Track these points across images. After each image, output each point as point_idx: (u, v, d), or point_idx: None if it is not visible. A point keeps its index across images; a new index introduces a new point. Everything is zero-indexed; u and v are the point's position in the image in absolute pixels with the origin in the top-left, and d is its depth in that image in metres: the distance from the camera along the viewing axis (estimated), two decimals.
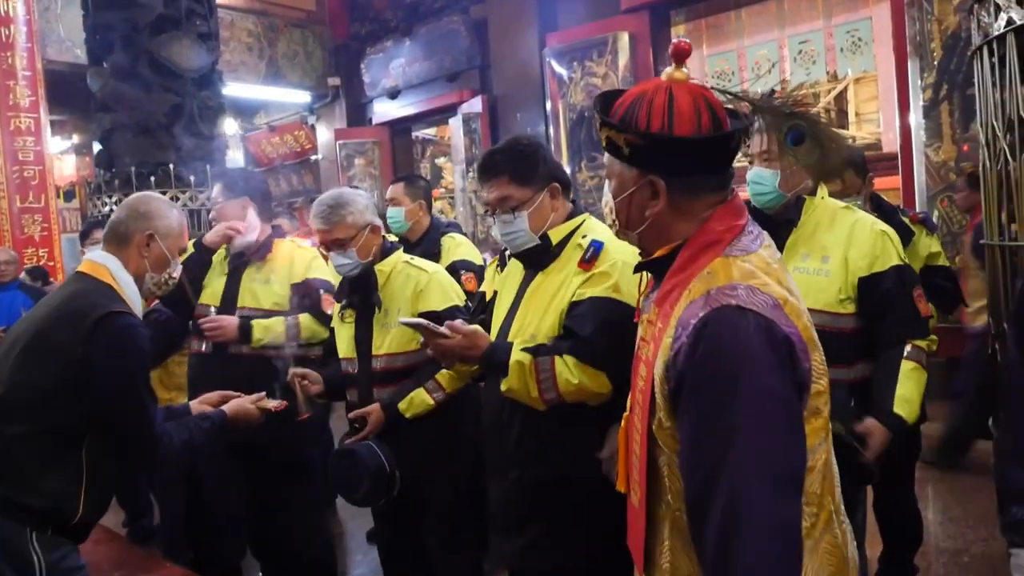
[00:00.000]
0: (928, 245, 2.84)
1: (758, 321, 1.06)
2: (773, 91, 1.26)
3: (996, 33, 1.90)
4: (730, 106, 1.22)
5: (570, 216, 1.97)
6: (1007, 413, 1.68)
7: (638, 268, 1.33)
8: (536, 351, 1.81)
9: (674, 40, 1.21)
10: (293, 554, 2.95)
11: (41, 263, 6.75)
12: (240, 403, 2.17)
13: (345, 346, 2.51)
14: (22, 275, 5.42)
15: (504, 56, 8.48)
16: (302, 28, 10.05)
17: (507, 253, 2.08)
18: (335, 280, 3.00)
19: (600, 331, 1.76)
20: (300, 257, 3.03)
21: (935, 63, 5.64)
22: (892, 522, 2.86)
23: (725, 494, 1.02)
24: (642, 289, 1.39)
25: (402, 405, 2.35)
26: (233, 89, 8.83)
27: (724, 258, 1.15)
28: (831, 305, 2.01)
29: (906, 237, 2.71)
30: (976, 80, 2.08)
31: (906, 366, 2.01)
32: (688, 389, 1.08)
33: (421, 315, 2.27)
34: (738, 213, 1.21)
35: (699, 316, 1.08)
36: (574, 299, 1.84)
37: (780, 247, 2.01)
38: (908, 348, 2.03)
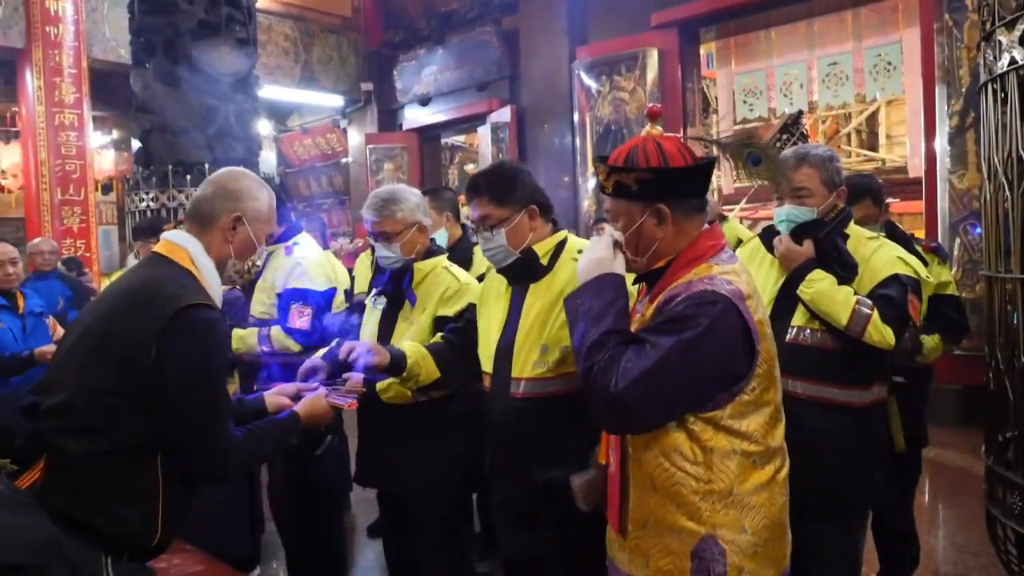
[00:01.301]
0: (939, 274, 2.86)
1: (725, 302, 1.37)
2: (801, 112, 1.63)
3: (999, 72, 1.96)
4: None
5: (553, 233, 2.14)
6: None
7: (637, 280, 1.60)
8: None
9: (648, 105, 1.56)
10: (306, 543, 3.05)
11: (78, 254, 6.97)
12: (314, 401, 1.94)
13: (369, 332, 2.61)
14: (59, 265, 5.61)
15: (534, 67, 8.59)
16: (337, 34, 10.27)
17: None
18: (322, 286, 3.10)
19: None
20: (283, 266, 3.11)
21: (962, 90, 5.64)
22: (890, 542, 2.90)
23: (617, 371, 1.34)
24: (639, 297, 1.65)
25: (380, 385, 2.41)
26: (268, 91, 9.06)
27: (708, 264, 1.46)
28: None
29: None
30: (981, 115, 2.14)
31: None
32: (656, 319, 1.40)
33: (438, 319, 2.41)
34: (719, 236, 1.54)
35: (682, 293, 1.39)
36: None
37: None
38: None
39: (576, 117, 8.16)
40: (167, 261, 1.69)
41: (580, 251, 2.00)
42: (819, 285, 2.04)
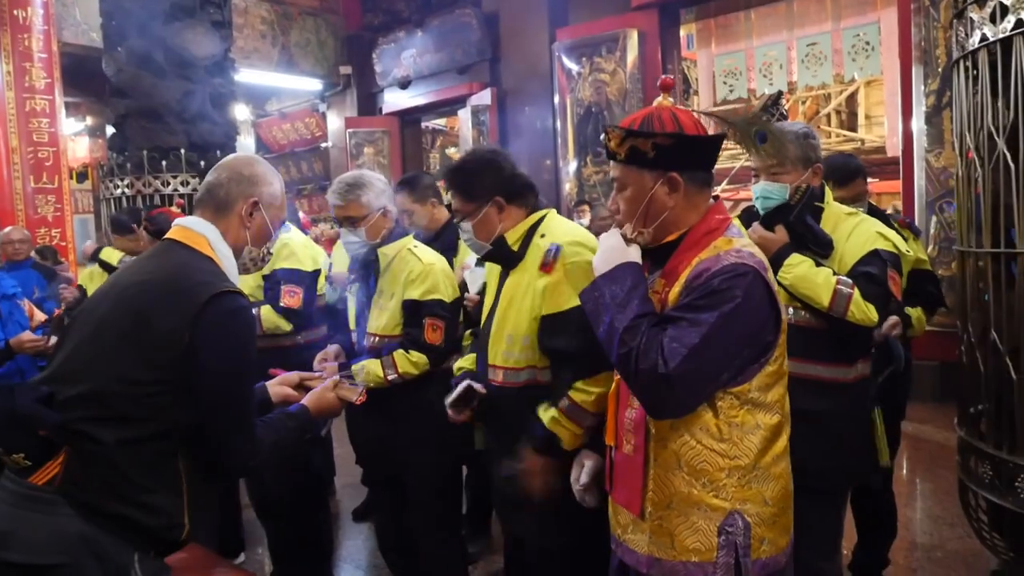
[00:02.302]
0: (915, 250, 2.90)
1: (757, 277, 1.38)
2: (780, 92, 1.73)
3: (971, 49, 1.98)
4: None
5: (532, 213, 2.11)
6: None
7: (648, 253, 1.55)
8: (555, 404, 1.91)
9: (661, 77, 1.55)
10: (290, 531, 3.05)
11: (53, 243, 6.88)
12: (322, 394, 1.88)
13: (352, 320, 2.66)
14: (32, 254, 5.53)
15: (514, 50, 8.55)
16: (315, 16, 10.15)
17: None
18: (309, 267, 3.11)
19: (583, 340, 1.81)
20: None
21: (939, 70, 5.69)
22: (869, 515, 2.95)
23: (667, 347, 1.33)
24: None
25: (355, 368, 2.44)
26: (246, 75, 8.95)
27: (724, 237, 1.46)
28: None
29: None
30: (953, 92, 2.16)
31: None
32: (690, 296, 1.38)
33: (405, 303, 2.43)
34: (724, 211, 1.54)
35: (714, 268, 1.38)
36: (545, 313, 1.94)
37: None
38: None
39: (557, 99, 8.14)
40: (186, 248, 1.64)
41: (543, 236, 2.03)
42: (797, 270, 2.05)
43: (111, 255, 4.15)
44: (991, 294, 2.00)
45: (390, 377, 2.42)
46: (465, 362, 2.27)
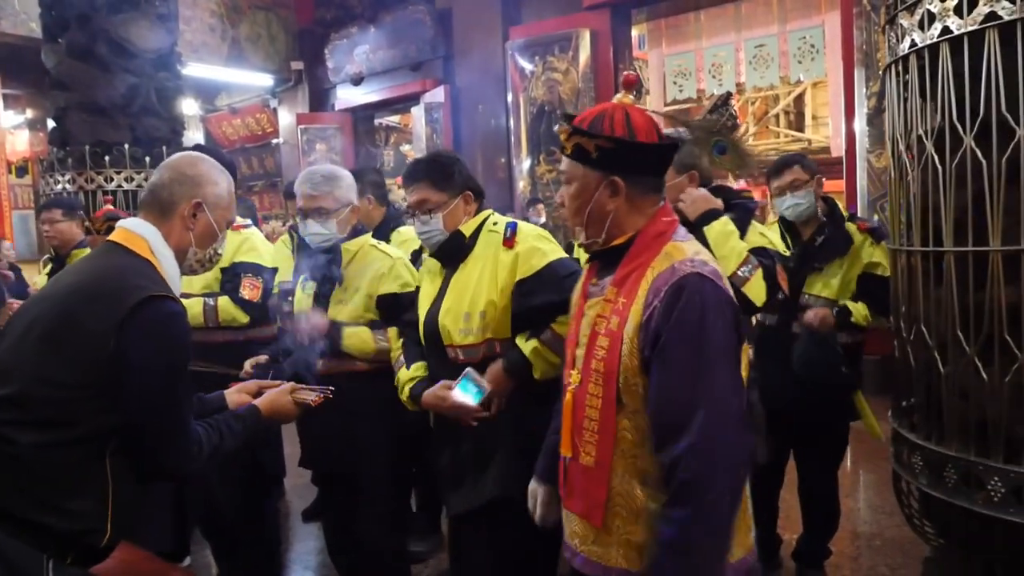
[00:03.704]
0: (871, 254, 2.96)
1: (715, 287, 1.36)
2: (730, 93, 1.77)
3: (902, 54, 2.05)
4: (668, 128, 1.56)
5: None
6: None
7: (594, 256, 1.55)
8: (536, 336, 2.08)
9: (624, 73, 1.53)
10: (237, 532, 3.01)
11: None
12: (276, 397, 1.87)
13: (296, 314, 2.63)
14: None
15: (467, 48, 8.55)
16: (266, 11, 9.99)
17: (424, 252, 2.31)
18: (269, 263, 3.10)
19: (559, 291, 1.99)
20: (230, 242, 3.06)
21: (880, 72, 5.87)
22: (816, 508, 3.04)
23: (700, 420, 1.29)
24: (590, 276, 1.58)
25: (347, 331, 2.47)
26: (194, 69, 8.76)
27: (672, 243, 1.43)
28: None
29: (845, 246, 2.89)
30: (886, 96, 2.24)
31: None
32: (666, 339, 1.33)
33: (380, 297, 2.49)
34: (672, 213, 1.52)
35: (671, 282, 1.35)
36: (521, 278, 2.09)
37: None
38: None
39: (510, 98, 8.16)
40: (125, 251, 1.61)
41: (495, 223, 2.21)
42: (724, 227, 2.13)
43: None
44: (921, 290, 2.08)
45: (378, 346, 2.46)
46: (417, 371, 2.29)
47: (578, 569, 1.51)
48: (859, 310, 2.82)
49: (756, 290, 2.07)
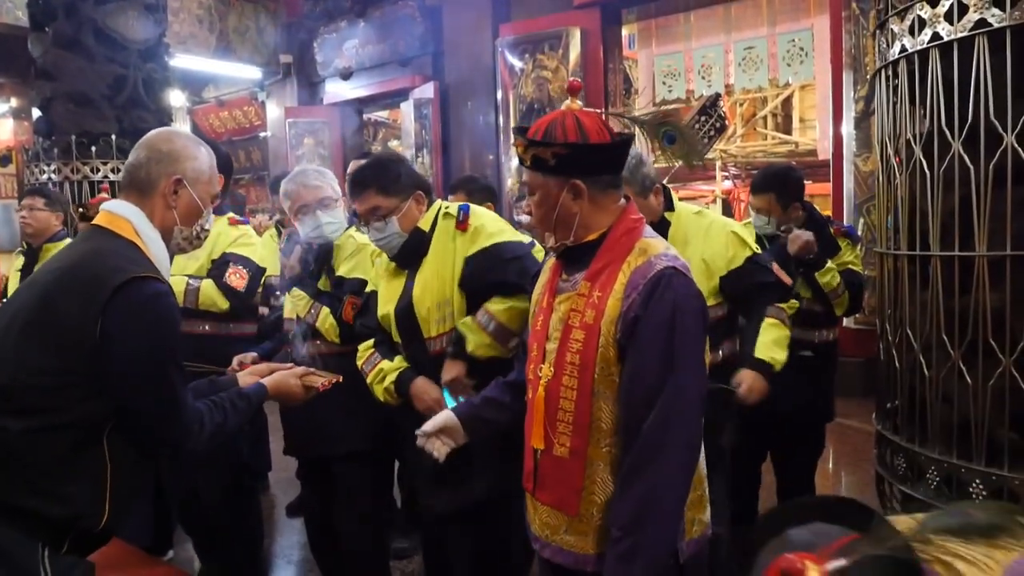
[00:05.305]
0: (844, 254, 2.99)
1: (687, 281, 1.45)
2: (718, 95, 2.20)
3: (891, 59, 2.07)
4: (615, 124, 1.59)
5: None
6: None
7: (564, 254, 1.59)
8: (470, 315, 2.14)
9: (569, 79, 1.60)
10: (220, 527, 2.99)
11: None
12: (285, 377, 1.87)
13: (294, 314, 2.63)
14: None
15: (457, 44, 8.52)
16: (254, 3, 9.90)
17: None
18: (259, 261, 3.09)
19: (506, 272, 2.09)
20: (227, 235, 3.07)
21: (867, 76, 5.90)
22: None
23: (664, 400, 1.38)
24: (556, 272, 1.62)
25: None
26: (182, 61, 8.68)
27: (643, 239, 1.50)
28: None
29: (832, 251, 2.91)
30: (876, 100, 2.26)
31: (767, 322, 2.32)
32: (643, 329, 1.41)
33: (335, 279, 2.54)
34: (637, 211, 1.58)
35: (649, 276, 1.42)
36: (469, 254, 2.13)
37: None
38: (769, 308, 2.35)
39: (500, 95, 8.14)
40: (109, 233, 1.59)
41: (448, 209, 2.23)
42: (769, 351, 2.30)
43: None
44: (907, 294, 2.09)
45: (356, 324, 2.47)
46: (401, 362, 2.27)
47: (548, 559, 1.56)
48: (830, 273, 2.88)
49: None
